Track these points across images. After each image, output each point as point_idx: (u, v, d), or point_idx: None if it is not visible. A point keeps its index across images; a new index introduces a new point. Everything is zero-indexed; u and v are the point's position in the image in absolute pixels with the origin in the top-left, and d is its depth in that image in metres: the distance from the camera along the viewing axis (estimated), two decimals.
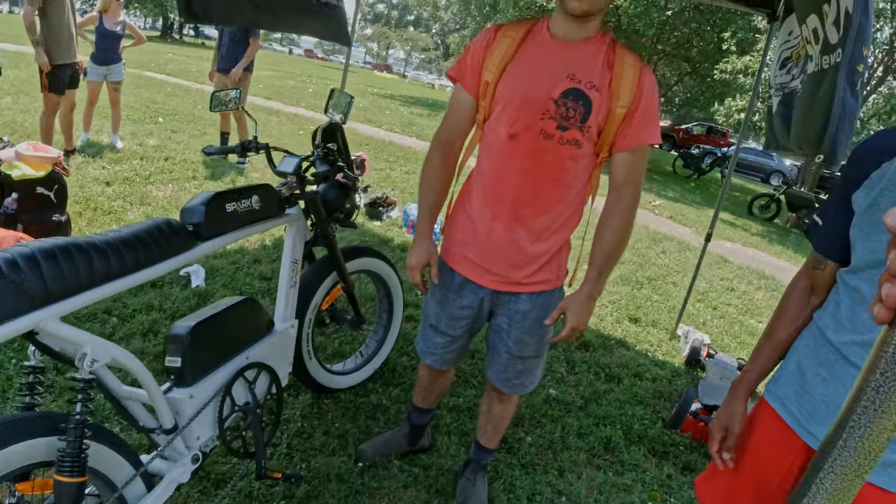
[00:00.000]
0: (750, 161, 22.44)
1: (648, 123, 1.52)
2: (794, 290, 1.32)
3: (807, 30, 2.45)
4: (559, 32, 1.52)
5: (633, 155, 1.55)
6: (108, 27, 5.61)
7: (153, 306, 2.92)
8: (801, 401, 1.20)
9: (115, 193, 4.47)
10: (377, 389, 2.63)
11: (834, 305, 1.19)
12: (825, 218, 1.25)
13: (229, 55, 5.98)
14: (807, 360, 1.21)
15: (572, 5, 1.42)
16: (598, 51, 1.51)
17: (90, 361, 1.29)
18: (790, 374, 1.25)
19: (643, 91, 1.50)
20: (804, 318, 1.29)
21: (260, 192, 1.83)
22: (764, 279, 6.53)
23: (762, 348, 1.35)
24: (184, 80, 13.42)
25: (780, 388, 1.27)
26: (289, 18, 3.99)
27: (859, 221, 1.12)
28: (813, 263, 1.27)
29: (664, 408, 3.05)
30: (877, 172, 1.09)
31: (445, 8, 50.41)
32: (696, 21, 16.81)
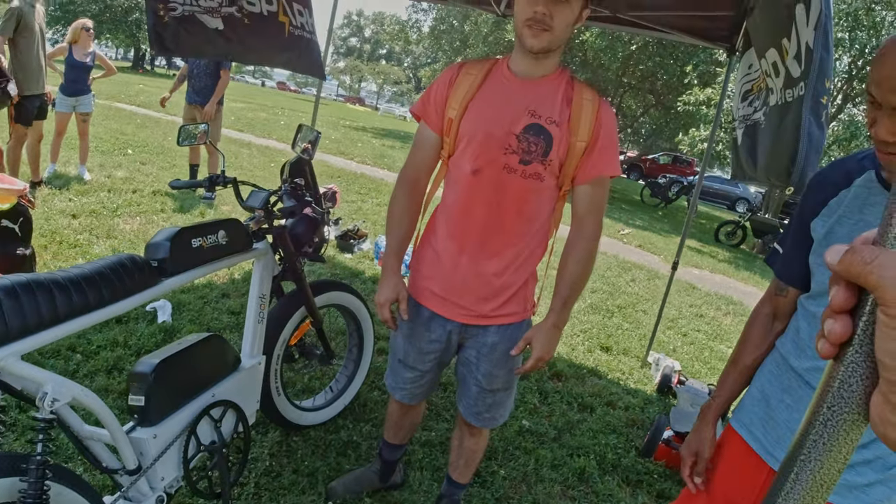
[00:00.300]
0: (716, 189, 23.05)
1: (608, 156, 1.57)
2: (758, 316, 1.36)
3: (766, 63, 2.55)
4: (519, 70, 1.57)
5: (593, 187, 1.59)
6: (77, 58, 5.57)
7: (118, 342, 2.85)
8: (766, 427, 1.22)
9: (81, 226, 4.38)
10: (348, 425, 2.59)
11: (794, 332, 1.22)
12: (785, 245, 1.29)
13: (200, 87, 5.95)
14: (771, 386, 1.24)
15: (530, 42, 1.46)
16: (558, 87, 1.55)
17: (51, 401, 1.25)
18: (755, 400, 1.27)
19: (602, 125, 1.55)
20: (768, 344, 1.32)
21: (227, 226, 1.82)
22: (732, 304, 6.65)
23: (728, 374, 1.38)
24: (154, 111, 13.33)
25: (745, 414, 1.29)
26: (262, 51, 4.02)
27: (818, 248, 1.16)
28: (775, 290, 1.31)
29: (637, 436, 3.06)
30: (834, 200, 1.14)
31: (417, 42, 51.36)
32: (660, 55, 17.39)
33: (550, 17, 1.42)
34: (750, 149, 2.80)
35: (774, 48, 2.41)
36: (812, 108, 1.93)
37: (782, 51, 2.28)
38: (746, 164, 2.86)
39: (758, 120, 2.74)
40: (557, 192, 1.62)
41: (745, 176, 3.00)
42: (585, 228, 1.62)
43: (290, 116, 19.76)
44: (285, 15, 4.12)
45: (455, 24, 25.84)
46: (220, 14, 3.65)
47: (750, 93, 3.01)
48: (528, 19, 1.44)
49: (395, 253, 1.74)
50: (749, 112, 2.95)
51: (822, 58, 1.88)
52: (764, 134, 2.56)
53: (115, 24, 38.48)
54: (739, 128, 3.12)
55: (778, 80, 2.36)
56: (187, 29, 3.47)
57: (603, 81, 19.55)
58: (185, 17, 3.45)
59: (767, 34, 2.57)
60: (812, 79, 1.90)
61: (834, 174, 1.17)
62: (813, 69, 1.89)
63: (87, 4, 36.45)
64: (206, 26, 3.59)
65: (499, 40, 20.57)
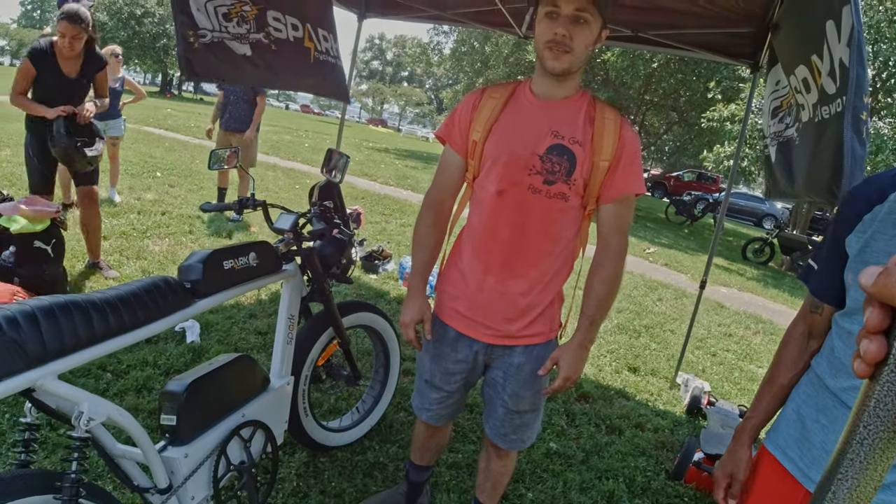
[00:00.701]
0: (742, 205, 22.75)
1: (632, 174, 1.57)
2: (793, 335, 1.33)
3: (795, 80, 2.53)
4: (540, 92, 1.59)
5: (618, 205, 1.59)
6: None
7: (148, 362, 2.90)
8: (801, 448, 1.19)
9: (111, 248, 4.48)
10: (374, 446, 2.59)
11: (829, 350, 1.19)
12: (820, 262, 1.27)
13: (235, 113, 6.05)
14: (806, 407, 1.21)
15: (551, 64, 1.49)
16: (579, 108, 1.57)
17: (87, 420, 1.28)
18: (790, 421, 1.25)
19: (624, 143, 1.55)
20: (804, 363, 1.29)
21: (257, 248, 1.85)
22: (761, 323, 6.52)
23: (763, 394, 1.35)
24: (182, 135, 13.66)
25: (780, 436, 1.26)
26: (288, 76, 4.11)
27: (853, 264, 1.14)
28: (810, 307, 1.28)
29: (667, 458, 3.00)
30: (869, 216, 1.12)
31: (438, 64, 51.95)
32: (682, 72, 17.36)
33: (570, 38, 1.45)
34: (785, 165, 2.77)
35: (804, 65, 2.39)
36: (853, 125, 1.90)
37: (813, 67, 2.27)
38: (783, 182, 2.82)
39: (791, 136, 2.70)
40: (582, 211, 1.63)
41: (781, 193, 2.95)
42: (611, 247, 1.62)
43: (314, 139, 20.08)
44: (311, 41, 4.22)
45: (476, 45, 26.11)
46: (249, 40, 3.76)
47: (780, 109, 2.98)
48: (548, 41, 1.46)
49: (420, 274, 1.77)
50: (781, 129, 2.92)
51: (858, 74, 1.87)
52: (800, 150, 2.53)
53: (143, 49, 39.74)
54: (772, 145, 3.08)
55: (810, 97, 2.34)
56: (216, 55, 3.58)
57: (625, 100, 19.54)
58: (213, 43, 3.55)
59: (796, 51, 2.55)
60: (850, 95, 1.88)
61: (868, 189, 1.16)
62: (850, 86, 1.88)
63: (116, 31, 37.75)
64: (235, 52, 3.70)
65: (519, 61, 20.71)
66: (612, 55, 16.62)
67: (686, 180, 25.65)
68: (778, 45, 3.00)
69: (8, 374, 1.13)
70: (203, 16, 3.46)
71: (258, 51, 3.82)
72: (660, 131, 23.81)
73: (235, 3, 3.65)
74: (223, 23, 3.58)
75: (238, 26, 3.67)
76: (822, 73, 2.18)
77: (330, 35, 4.42)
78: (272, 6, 3.90)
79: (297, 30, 4.09)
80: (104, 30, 37.40)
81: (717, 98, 15.14)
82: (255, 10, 3.77)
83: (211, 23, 3.51)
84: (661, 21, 3.76)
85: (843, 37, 1.94)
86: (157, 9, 38.88)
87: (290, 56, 4.05)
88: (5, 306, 1.18)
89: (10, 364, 1.13)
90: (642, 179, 1.62)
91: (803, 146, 2.46)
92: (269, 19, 3.87)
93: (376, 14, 4.83)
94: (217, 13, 3.54)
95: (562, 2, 1.43)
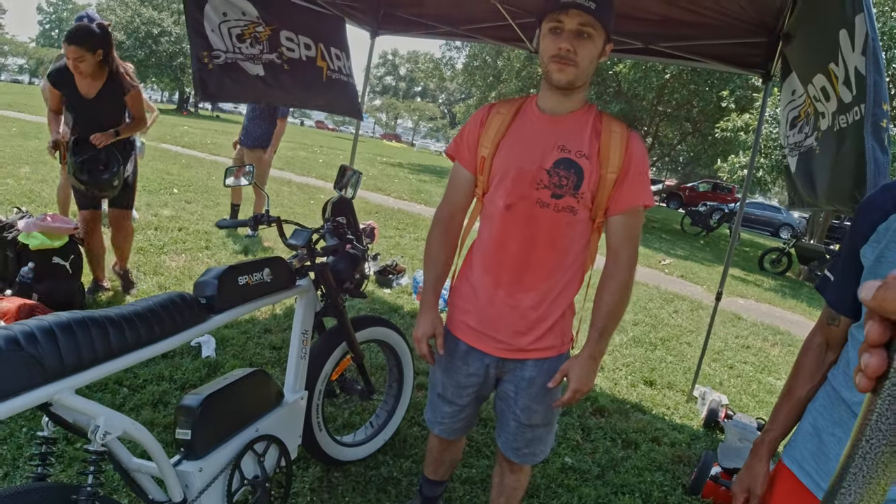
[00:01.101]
0: (758, 215, 22.53)
1: (640, 186, 1.58)
2: (810, 347, 1.32)
3: (814, 89, 2.52)
4: (547, 107, 1.61)
5: (627, 217, 1.60)
6: None
7: (164, 376, 2.92)
8: (818, 462, 1.18)
9: (129, 263, 4.54)
10: (388, 461, 2.59)
11: (845, 363, 1.18)
12: (836, 273, 1.26)
13: (256, 132, 6.12)
14: (822, 420, 1.20)
15: (556, 78, 1.51)
16: (586, 121, 1.59)
17: (103, 434, 1.29)
18: (806, 435, 1.23)
19: (632, 155, 1.56)
20: (821, 376, 1.28)
21: (271, 264, 1.87)
22: (779, 335, 6.44)
23: (781, 407, 1.34)
24: (199, 151, 13.86)
25: (797, 450, 1.25)
26: (300, 95, 4.18)
27: (868, 276, 1.13)
28: (827, 319, 1.27)
29: (684, 473, 2.96)
30: (883, 225, 1.11)
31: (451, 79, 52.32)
32: (695, 82, 17.29)
33: (575, 52, 1.47)
34: (806, 175, 2.75)
35: (822, 73, 2.38)
36: (873, 132, 1.89)
37: (831, 76, 2.26)
38: (804, 191, 2.80)
39: (811, 146, 2.69)
40: (591, 224, 1.64)
41: (803, 203, 2.93)
42: (621, 258, 1.62)
43: (328, 154, 20.26)
44: (323, 60, 4.29)
45: (488, 60, 26.27)
46: (262, 61, 3.83)
47: (798, 119, 2.97)
48: (553, 56, 1.49)
49: (433, 288, 1.78)
50: (800, 139, 2.90)
51: (875, 81, 1.86)
52: (820, 160, 2.51)
53: (160, 68, 40.42)
54: (792, 155, 3.06)
55: (829, 105, 2.33)
56: (230, 76, 3.65)
57: (638, 111, 19.51)
58: (227, 64, 3.62)
59: (811, 60, 2.54)
60: (869, 104, 1.87)
61: (882, 198, 1.15)
62: (868, 94, 1.87)
63: (134, 50, 38.42)
64: (248, 73, 3.77)
65: (531, 75, 20.79)
66: (625, 67, 16.62)
67: (701, 191, 25.50)
68: (791, 54, 2.99)
69: (26, 389, 1.15)
70: (217, 37, 3.53)
71: (271, 71, 3.89)
72: (674, 142, 23.71)
73: (249, 24, 3.72)
74: (237, 44, 3.65)
75: (251, 47, 3.75)
76: (839, 82, 2.17)
77: (342, 53, 4.49)
78: (285, 26, 3.97)
79: (309, 49, 4.16)
80: (121, 48, 38.11)
81: (731, 108, 15.06)
82: (268, 30, 3.85)
83: (225, 44, 3.58)
84: (673, 33, 3.77)
85: (858, 45, 1.94)
86: (173, 28, 39.57)
87: (303, 75, 4.12)
88: (24, 322, 1.21)
89: (28, 379, 1.15)
90: (650, 191, 1.63)
91: (824, 155, 2.45)
92: (282, 39, 3.94)
93: (389, 31, 4.89)
94: (231, 34, 3.61)
95: (565, 17, 1.46)
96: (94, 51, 3.30)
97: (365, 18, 4.76)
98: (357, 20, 4.76)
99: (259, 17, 3.81)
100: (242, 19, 3.71)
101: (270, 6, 3.90)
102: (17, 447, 2.23)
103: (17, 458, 2.18)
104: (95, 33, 3.32)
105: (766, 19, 3.32)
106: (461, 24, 4.58)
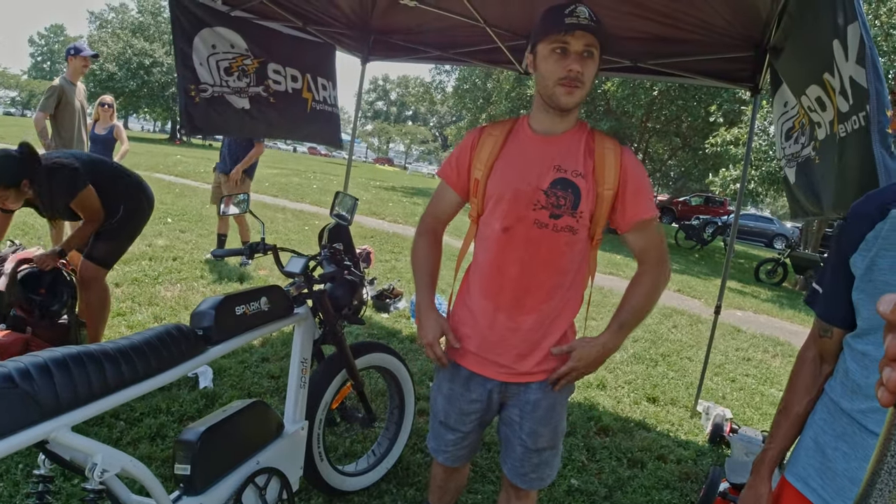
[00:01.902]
0: (751, 227, 22.64)
1: (641, 200, 1.58)
2: (805, 360, 1.31)
3: (808, 99, 2.53)
4: (540, 127, 1.61)
5: (637, 232, 1.61)
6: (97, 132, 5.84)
7: (161, 409, 2.88)
8: (824, 478, 1.15)
9: (123, 294, 4.51)
10: (391, 490, 2.54)
11: (843, 373, 1.17)
12: (824, 284, 1.25)
13: (230, 155, 6.00)
14: (824, 434, 1.18)
15: (564, 100, 1.51)
16: (579, 140, 1.59)
17: (101, 472, 1.27)
18: (809, 451, 1.21)
19: (626, 171, 1.57)
20: (818, 388, 1.27)
21: (268, 293, 1.85)
22: (779, 345, 6.42)
23: (780, 423, 1.32)
24: (192, 180, 13.87)
25: (800, 466, 1.23)
26: (284, 127, 4.23)
27: (860, 284, 1.12)
28: (819, 332, 1.26)
29: (692, 490, 2.92)
30: (871, 233, 1.10)
31: (442, 102, 52.82)
32: (683, 98, 17.46)
33: (582, 73, 1.48)
34: (808, 185, 2.75)
35: (816, 84, 2.39)
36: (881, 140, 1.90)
37: (826, 86, 2.27)
38: (807, 202, 2.80)
39: (809, 155, 2.70)
40: (590, 242, 1.63)
41: (806, 213, 2.93)
42: (647, 262, 1.64)
43: (321, 180, 20.31)
44: (309, 91, 4.36)
45: (478, 82, 26.50)
46: (248, 94, 3.87)
47: (793, 130, 2.98)
48: (562, 78, 1.48)
49: (427, 287, 1.77)
50: (797, 149, 2.91)
51: (877, 90, 1.87)
52: (821, 169, 2.52)
53: (152, 98, 40.78)
54: (790, 166, 3.06)
55: (826, 115, 2.34)
56: (216, 109, 3.68)
57: (628, 128, 19.67)
58: (214, 97, 3.65)
59: (804, 71, 2.56)
60: (873, 112, 1.88)
61: (868, 206, 1.14)
62: (872, 102, 1.87)
63: (126, 81, 38.72)
64: (234, 106, 3.81)
65: (521, 96, 20.98)
66: (613, 85, 16.80)
67: (694, 205, 25.63)
68: (781, 67, 3.01)
69: (22, 427, 1.13)
70: (205, 70, 3.56)
71: (256, 104, 3.93)
72: (664, 157, 23.88)
73: (237, 57, 3.76)
74: (224, 77, 3.68)
75: (238, 80, 3.78)
76: (835, 92, 2.18)
77: (329, 83, 4.54)
78: (273, 59, 4.02)
79: (296, 81, 4.22)
80: (113, 80, 38.38)
81: (719, 122, 15.21)
82: (256, 62, 3.89)
83: (212, 77, 3.61)
84: (660, 50, 3.82)
85: (851, 55, 1.95)
86: (165, 58, 39.95)
87: (288, 107, 4.18)
88: (18, 359, 1.19)
89: (24, 417, 1.13)
90: (653, 203, 1.63)
91: (824, 164, 2.45)
92: (269, 72, 4.00)
93: (380, 57, 4.94)
94: (219, 67, 3.64)
95: (571, 38, 1.46)
96: (17, 184, 2.69)
97: (356, 45, 4.81)
98: (348, 47, 4.80)
99: (248, 50, 3.85)
100: (231, 52, 3.74)
101: (260, 39, 3.94)
102: (13, 484, 2.18)
103: (13, 495, 2.13)
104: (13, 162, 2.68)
105: (752, 34, 3.36)
106: (451, 49, 4.63)
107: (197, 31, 3.54)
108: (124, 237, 3.27)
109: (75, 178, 2.88)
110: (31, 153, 2.72)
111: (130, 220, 3.25)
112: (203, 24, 3.57)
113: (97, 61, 34.15)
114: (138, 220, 3.33)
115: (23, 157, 2.69)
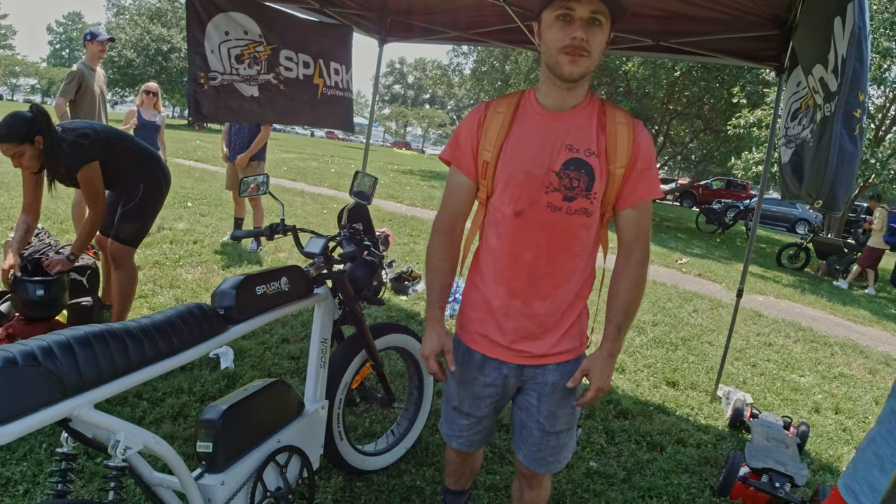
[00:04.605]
0: (773, 211, 22.25)
1: (649, 179, 1.54)
2: None
3: (813, 80, 2.47)
4: (549, 103, 1.53)
5: (638, 211, 1.56)
6: (146, 118, 5.89)
7: (183, 389, 2.92)
8: (875, 496, 1.09)
9: (145, 277, 4.56)
10: (410, 470, 2.55)
11: None
12: None
13: (238, 141, 5.95)
14: (886, 446, 1.11)
15: (568, 70, 1.42)
16: (591, 116, 1.53)
17: (123, 449, 1.28)
18: (869, 465, 1.13)
19: (639, 148, 1.51)
20: None
21: (288, 273, 1.86)
22: (801, 331, 6.33)
23: None
24: (211, 165, 13.95)
25: (856, 480, 1.15)
26: (293, 112, 4.21)
27: None
28: None
29: (711, 474, 2.90)
30: None
31: (459, 85, 52.38)
32: (705, 79, 17.12)
33: (587, 41, 1.39)
34: (795, 167, 2.70)
35: (820, 63, 2.32)
36: (844, 120, 1.83)
37: (827, 65, 2.21)
38: (791, 183, 2.75)
39: (805, 138, 2.63)
40: (600, 221, 1.60)
41: (791, 195, 2.88)
42: (634, 254, 1.59)
43: (339, 164, 20.33)
44: (320, 77, 4.34)
45: (496, 64, 26.24)
46: (258, 82, 3.86)
47: (799, 111, 2.91)
48: (565, 46, 1.40)
49: (437, 302, 1.70)
50: (798, 131, 2.84)
51: (854, 69, 1.80)
52: (809, 151, 2.46)
53: (171, 84, 41.01)
54: (789, 147, 3.00)
55: (821, 96, 2.28)
56: (224, 97, 3.67)
57: (649, 110, 19.37)
58: (223, 85, 3.64)
59: (812, 50, 2.49)
60: (844, 91, 1.81)
61: None
62: (845, 81, 1.81)
63: (144, 67, 38.99)
64: (243, 94, 3.79)
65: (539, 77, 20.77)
66: (633, 66, 16.52)
67: (715, 188, 25.27)
68: (797, 45, 2.93)
69: (44, 405, 1.14)
70: (216, 58, 3.55)
71: (266, 91, 3.92)
72: (685, 140, 23.51)
73: (249, 44, 3.74)
74: (234, 65, 3.67)
75: (249, 68, 3.76)
76: (828, 69, 2.11)
77: (342, 67, 4.52)
78: (286, 45, 4.00)
79: (308, 67, 4.20)
80: (132, 66, 38.68)
81: (742, 104, 14.89)
82: (268, 49, 3.87)
83: (223, 65, 3.60)
84: (683, 29, 3.73)
85: (847, 33, 1.88)
86: (182, 44, 40.04)
87: (298, 94, 4.16)
88: (41, 337, 1.20)
89: (47, 394, 1.14)
90: (658, 183, 1.59)
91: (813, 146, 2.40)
92: (281, 59, 3.98)
93: (397, 38, 4.89)
94: (230, 55, 3.63)
95: (576, 4, 1.37)
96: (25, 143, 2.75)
97: (373, 26, 4.77)
98: (365, 28, 4.77)
99: (261, 36, 3.82)
100: (244, 39, 3.72)
101: (274, 24, 3.91)
102: (36, 463, 2.23)
103: (37, 474, 2.17)
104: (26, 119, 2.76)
105: (777, 11, 3.27)
106: (468, 29, 4.57)
107: (212, 17, 3.52)
108: (146, 216, 3.35)
109: (82, 147, 2.97)
110: (43, 112, 2.82)
111: (151, 198, 3.32)
112: (218, 9, 3.55)
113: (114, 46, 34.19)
114: (158, 197, 3.39)
115: (34, 116, 2.78)
